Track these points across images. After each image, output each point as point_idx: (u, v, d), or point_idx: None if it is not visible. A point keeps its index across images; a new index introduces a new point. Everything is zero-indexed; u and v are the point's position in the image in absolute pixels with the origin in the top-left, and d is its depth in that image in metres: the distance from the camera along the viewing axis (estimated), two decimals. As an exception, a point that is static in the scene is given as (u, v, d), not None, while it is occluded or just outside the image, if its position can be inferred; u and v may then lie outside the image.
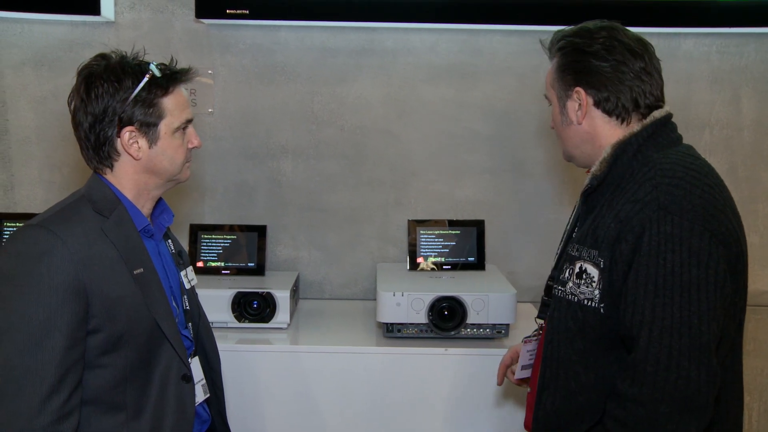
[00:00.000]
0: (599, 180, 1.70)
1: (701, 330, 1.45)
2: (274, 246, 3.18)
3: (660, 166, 1.58)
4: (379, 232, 3.18)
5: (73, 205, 1.69)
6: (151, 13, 3.07)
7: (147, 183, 1.75)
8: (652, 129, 1.68)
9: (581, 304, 1.62)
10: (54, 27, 3.07)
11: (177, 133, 1.74)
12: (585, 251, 1.63)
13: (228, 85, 3.11)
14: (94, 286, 1.59)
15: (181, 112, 1.74)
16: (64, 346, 1.54)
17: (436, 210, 3.15)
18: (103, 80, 1.66)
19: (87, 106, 1.67)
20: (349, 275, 3.20)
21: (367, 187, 3.17)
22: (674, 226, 1.48)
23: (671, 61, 3.11)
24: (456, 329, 2.57)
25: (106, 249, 1.64)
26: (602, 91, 1.68)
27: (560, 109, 1.75)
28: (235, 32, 3.08)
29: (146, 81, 1.67)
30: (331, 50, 3.10)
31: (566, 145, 1.79)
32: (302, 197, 3.17)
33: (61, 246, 1.58)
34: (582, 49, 1.69)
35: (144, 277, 1.69)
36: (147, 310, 1.68)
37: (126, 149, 1.69)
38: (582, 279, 1.63)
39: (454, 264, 2.97)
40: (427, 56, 3.11)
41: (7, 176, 3.14)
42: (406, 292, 2.56)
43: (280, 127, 3.13)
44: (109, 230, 1.66)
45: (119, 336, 1.64)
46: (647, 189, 1.54)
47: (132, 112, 1.67)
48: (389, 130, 3.14)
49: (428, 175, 3.17)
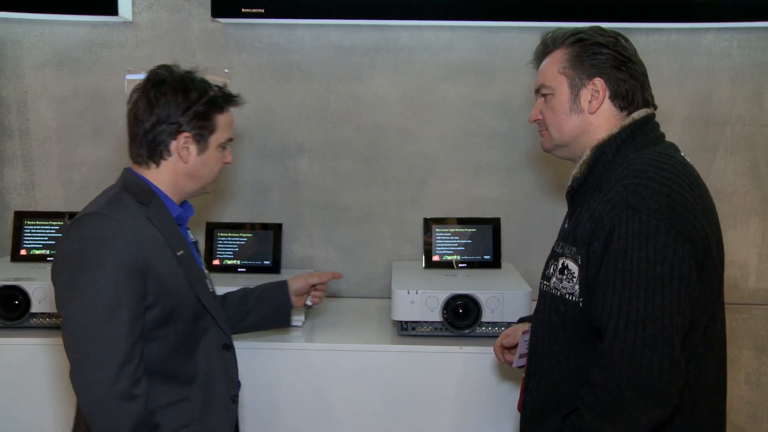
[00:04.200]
0: (580, 182, 1.78)
1: (664, 323, 1.52)
2: (291, 244, 3.18)
3: (633, 166, 1.64)
4: (395, 231, 3.18)
5: (118, 196, 1.84)
6: (168, 13, 3.10)
7: (184, 185, 1.92)
8: (630, 130, 1.75)
9: (563, 298, 1.71)
10: (74, 28, 3.10)
11: (220, 148, 1.95)
12: (567, 248, 1.72)
13: (244, 83, 3.12)
14: (149, 265, 1.77)
15: (228, 130, 1.97)
16: (130, 320, 1.72)
17: (453, 208, 3.14)
18: (172, 88, 1.85)
19: (154, 108, 1.84)
20: (365, 274, 3.19)
21: (383, 185, 3.17)
22: (641, 224, 1.54)
23: (691, 56, 3.07)
24: (470, 327, 2.56)
25: (153, 233, 1.82)
26: (621, 85, 1.75)
27: (570, 96, 1.78)
28: (251, 31, 3.09)
29: (210, 97, 1.88)
30: (347, 48, 3.10)
31: (563, 133, 1.81)
32: (318, 196, 3.17)
33: (120, 230, 1.75)
34: (603, 43, 1.76)
35: (185, 258, 1.88)
36: (190, 287, 1.87)
37: (178, 152, 1.87)
38: (564, 274, 1.72)
39: (470, 262, 2.95)
40: (443, 54, 3.11)
41: (29, 175, 3.18)
42: (421, 290, 2.55)
43: (297, 126, 3.14)
44: (153, 217, 1.83)
45: (170, 310, 1.82)
46: (618, 189, 1.61)
47: (191, 121, 1.86)
48: (405, 128, 3.14)
49: (444, 173, 3.16)
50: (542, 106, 1.85)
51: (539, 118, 1.87)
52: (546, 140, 1.88)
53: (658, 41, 3.06)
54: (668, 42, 3.07)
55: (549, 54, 1.83)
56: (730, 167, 3.11)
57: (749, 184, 3.13)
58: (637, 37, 3.03)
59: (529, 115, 1.92)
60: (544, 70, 1.83)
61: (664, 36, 3.06)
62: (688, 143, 3.08)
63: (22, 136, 3.16)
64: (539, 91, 1.85)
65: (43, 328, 2.61)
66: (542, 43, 1.86)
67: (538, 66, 1.88)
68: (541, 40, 1.87)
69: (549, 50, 1.83)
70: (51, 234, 2.93)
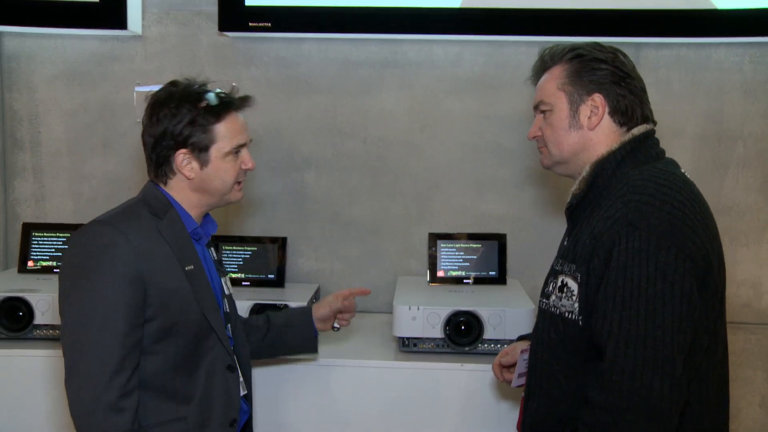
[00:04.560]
0: (579, 198, 1.77)
1: (665, 342, 1.49)
2: (296, 258, 3.18)
3: (633, 183, 1.62)
4: (400, 245, 3.16)
5: (132, 207, 1.86)
6: (177, 27, 3.12)
7: (200, 200, 1.90)
8: (630, 146, 1.73)
9: (563, 316, 1.69)
10: (85, 42, 3.14)
11: (229, 156, 1.87)
12: (566, 266, 1.70)
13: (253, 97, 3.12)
14: (151, 277, 1.75)
15: (233, 137, 1.87)
16: (125, 329, 1.70)
17: (459, 223, 3.12)
18: (164, 105, 1.83)
19: (150, 128, 1.85)
20: (371, 288, 3.10)
21: (390, 199, 3.16)
22: (641, 242, 1.52)
23: (701, 72, 3.03)
24: (472, 344, 2.53)
25: (161, 245, 1.80)
26: (620, 101, 1.74)
27: (570, 112, 1.76)
28: (259, 45, 3.10)
29: (201, 108, 1.82)
30: (354, 62, 3.10)
31: (562, 150, 1.79)
32: (325, 209, 3.17)
33: (123, 240, 1.74)
34: (601, 58, 1.75)
35: (194, 274, 1.84)
36: (196, 303, 1.83)
37: (180, 169, 1.85)
38: (563, 292, 1.69)
39: (475, 278, 2.92)
40: (450, 68, 3.09)
41: (39, 187, 3.21)
42: (422, 306, 2.53)
43: (304, 139, 3.14)
44: (163, 229, 1.82)
45: (171, 325, 1.79)
46: (618, 206, 1.59)
47: (187, 135, 1.82)
48: (412, 142, 3.13)
49: (451, 188, 3.14)
50: (541, 122, 1.83)
51: (538, 134, 1.85)
52: (545, 157, 1.86)
53: (668, 56, 3.02)
54: (678, 57, 3.03)
55: (547, 70, 1.82)
56: (742, 184, 3.06)
57: (762, 201, 3.07)
58: (647, 51, 3.01)
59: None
60: (543, 86, 1.82)
61: (674, 50, 3.02)
62: (699, 160, 3.03)
63: (33, 148, 3.19)
64: (538, 107, 1.84)
65: (47, 340, 2.62)
66: (540, 59, 1.85)
67: (537, 82, 1.87)
68: (539, 56, 1.86)
69: (547, 66, 1.82)
70: (58, 246, 2.95)
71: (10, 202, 3.22)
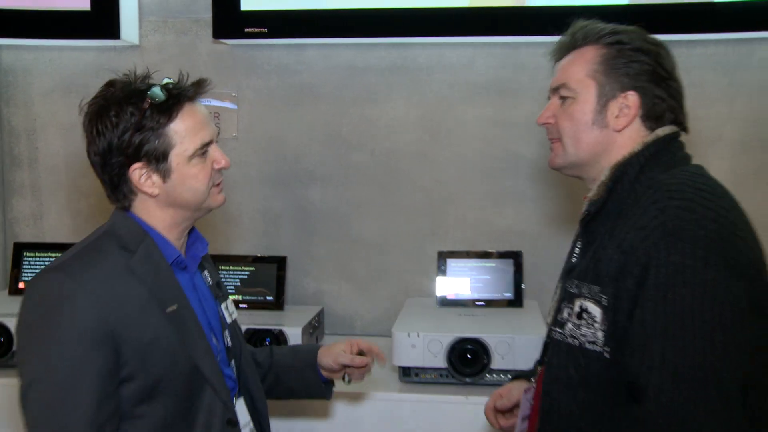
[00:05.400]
0: (598, 206, 1.50)
1: (721, 378, 1.25)
2: (301, 278, 2.99)
3: (666, 187, 1.38)
4: (412, 264, 2.94)
5: (95, 243, 1.54)
6: (175, 36, 2.97)
7: (174, 217, 1.59)
8: (654, 148, 1.49)
9: (583, 348, 1.42)
10: (81, 54, 3.02)
11: (194, 159, 1.55)
12: (585, 288, 1.43)
13: (253, 108, 2.96)
14: (123, 330, 1.44)
15: (195, 135, 1.55)
16: (94, 402, 1.41)
17: (474, 240, 2.88)
18: (103, 114, 1.51)
19: (92, 145, 1.54)
20: (381, 310, 2.96)
21: (400, 214, 2.94)
22: (685, 256, 1.28)
23: (741, 71, 2.74)
24: (477, 375, 2.30)
25: (133, 288, 1.49)
26: (657, 105, 1.49)
27: (596, 106, 1.50)
28: (259, 52, 2.93)
29: (147, 108, 1.49)
30: (361, 69, 2.91)
31: (580, 148, 1.53)
32: (331, 226, 2.97)
33: (81, 290, 1.43)
34: (644, 49, 1.50)
35: (179, 315, 1.53)
36: (184, 352, 1.52)
37: (140, 187, 1.53)
38: (582, 319, 1.43)
39: (489, 300, 2.68)
40: (463, 73, 2.87)
41: (37, 205, 3.10)
42: (423, 333, 2.31)
43: (308, 152, 2.96)
44: (136, 266, 1.50)
45: (155, 383, 1.49)
46: (652, 213, 1.34)
47: (137, 145, 1.50)
48: (423, 153, 2.91)
49: (465, 202, 2.90)
50: (557, 109, 1.56)
51: (551, 122, 1.58)
52: (558, 154, 1.57)
53: (701, 55, 2.74)
54: (714, 55, 2.74)
55: (576, 49, 1.55)
56: (790, 196, 2.75)
57: (812, 213, 2.75)
58: (676, 50, 2.63)
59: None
60: (569, 68, 1.54)
61: (709, 49, 2.74)
62: (739, 168, 2.73)
63: (31, 165, 3.09)
64: (558, 90, 1.56)
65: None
66: (571, 35, 1.57)
67: (559, 59, 1.60)
68: (569, 30, 1.58)
69: (577, 45, 1.55)
70: (49, 266, 2.83)
71: (9, 221, 3.12)
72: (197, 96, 1.57)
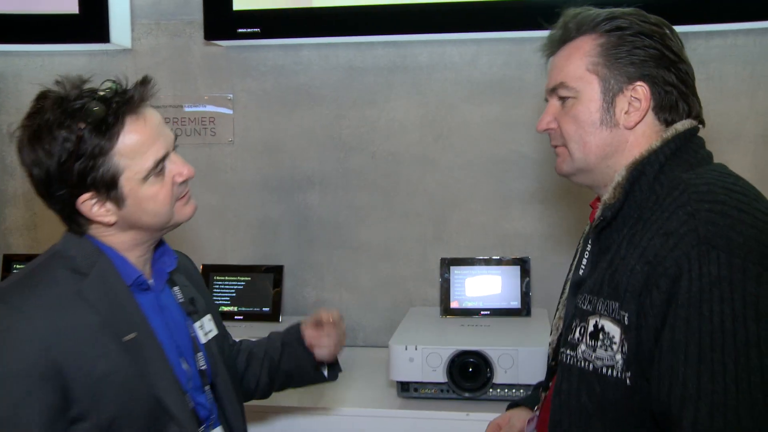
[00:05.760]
0: (614, 210, 1.33)
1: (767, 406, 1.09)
2: (301, 287, 2.86)
3: (694, 188, 1.23)
4: (415, 271, 2.81)
5: (42, 267, 1.40)
6: (168, 38, 2.87)
7: (135, 238, 1.44)
8: (675, 144, 1.33)
9: (599, 373, 1.26)
10: (73, 58, 2.92)
11: (150, 178, 1.39)
12: (601, 303, 1.27)
13: (249, 111, 2.85)
14: (70, 364, 1.30)
15: (144, 154, 1.36)
16: None
17: (480, 246, 2.74)
18: (35, 142, 1.34)
19: (31, 176, 1.38)
20: (384, 320, 2.83)
21: (403, 220, 2.81)
22: (721, 266, 1.13)
23: (765, 62, 2.57)
24: (479, 390, 2.16)
25: (84, 316, 1.34)
26: (669, 93, 1.34)
27: (602, 104, 1.35)
28: (254, 54, 2.82)
29: (84, 129, 1.31)
30: (359, 69, 2.78)
31: (588, 152, 1.37)
32: (331, 233, 2.85)
33: (22, 322, 1.30)
34: (647, 32, 1.34)
35: (138, 344, 1.38)
36: (144, 385, 1.37)
37: (92, 218, 1.38)
38: (598, 340, 1.27)
39: (494, 310, 2.54)
40: (466, 71, 2.73)
41: (30, 215, 3.02)
42: (421, 346, 2.18)
43: (306, 156, 2.84)
44: (88, 292, 1.36)
45: (110, 421, 1.34)
46: (681, 218, 1.19)
47: (79, 175, 1.33)
48: (426, 155, 2.78)
49: (470, 205, 2.76)
50: (557, 111, 1.41)
51: (553, 127, 1.43)
52: (565, 161, 1.42)
53: (720, 46, 2.57)
54: (734, 46, 2.58)
55: (570, 42, 1.39)
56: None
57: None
58: (695, 42, 2.58)
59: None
60: (566, 63, 1.39)
61: (728, 39, 2.57)
62: (762, 164, 2.57)
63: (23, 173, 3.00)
64: (555, 91, 1.41)
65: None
66: (562, 25, 1.42)
67: (552, 54, 1.45)
68: (560, 20, 1.43)
69: (571, 36, 1.39)
70: (40, 278, 2.74)
71: (1, 231, 3.04)
72: (143, 103, 1.38)
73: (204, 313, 1.60)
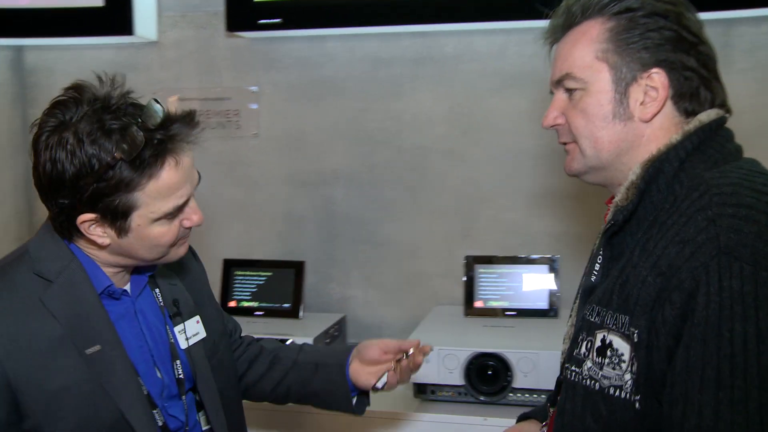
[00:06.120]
0: (627, 212, 1.22)
1: None
2: (325, 284, 2.81)
3: (717, 189, 1.10)
4: (442, 269, 2.72)
5: (7, 269, 1.34)
6: (193, 31, 2.85)
7: (118, 261, 1.38)
8: (698, 138, 1.20)
9: (605, 393, 1.16)
10: (101, 51, 2.93)
11: (162, 220, 1.32)
12: (610, 317, 1.16)
13: (274, 104, 2.81)
14: (23, 375, 1.25)
15: (168, 198, 1.29)
16: None
17: (509, 243, 2.64)
18: (56, 140, 1.23)
19: (37, 172, 1.28)
20: (409, 318, 2.74)
21: (429, 216, 2.73)
22: (745, 280, 1.01)
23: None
24: (498, 394, 2.07)
25: (44, 325, 1.28)
26: (689, 80, 1.21)
27: (614, 95, 1.24)
28: (279, 46, 2.77)
29: (115, 160, 1.22)
30: (385, 60, 2.71)
31: (600, 149, 1.26)
32: (355, 229, 2.78)
33: None
34: (660, 12, 1.21)
35: (101, 357, 1.31)
36: (106, 400, 1.30)
37: (86, 234, 1.30)
38: (606, 357, 1.16)
39: (520, 310, 2.44)
40: (495, 62, 2.63)
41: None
42: (438, 347, 2.10)
43: (331, 150, 2.78)
44: (52, 299, 1.30)
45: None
46: (700, 224, 1.07)
47: (91, 196, 1.24)
48: (453, 149, 2.69)
49: (499, 201, 2.67)
50: (564, 105, 1.31)
51: (560, 122, 1.32)
52: (575, 159, 1.32)
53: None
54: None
55: (575, 27, 1.28)
56: None
57: None
58: (739, 29, 2.43)
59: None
60: (571, 51, 1.28)
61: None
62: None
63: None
64: (561, 83, 1.31)
65: None
66: (565, 9, 1.30)
67: (555, 42, 1.35)
68: (563, 4, 1.32)
69: (576, 21, 1.28)
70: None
71: (34, 224, 3.06)
72: (185, 140, 1.28)
73: (190, 314, 1.52)
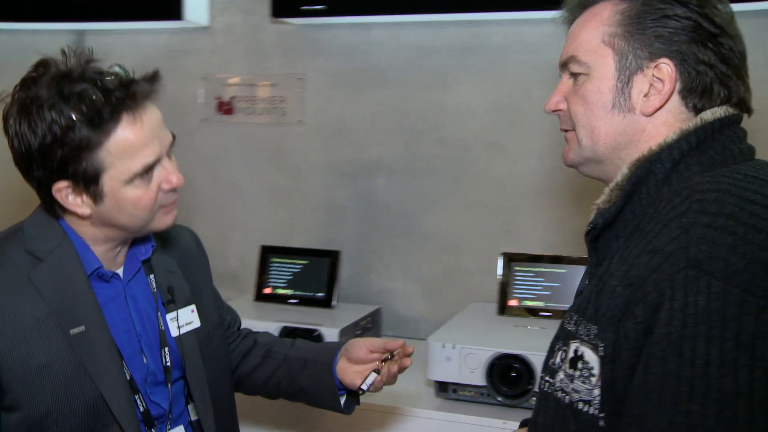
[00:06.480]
0: (608, 217, 1.14)
1: None
2: (365, 274, 2.78)
3: (699, 195, 1.00)
4: (482, 265, 2.64)
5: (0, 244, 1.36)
6: (242, 16, 2.86)
7: (107, 235, 1.37)
8: (696, 138, 1.10)
9: (575, 408, 1.07)
10: (158, 36, 2.98)
11: (135, 181, 1.30)
12: (583, 326, 1.07)
13: (319, 91, 2.79)
14: (4, 350, 1.27)
15: (135, 156, 1.27)
16: None
17: (552, 242, 2.55)
18: (22, 114, 1.26)
19: (12, 147, 1.29)
20: (447, 314, 2.67)
21: (471, 210, 2.66)
22: (712, 297, 0.91)
23: None
24: (518, 398, 2.00)
25: (30, 302, 1.30)
26: (702, 75, 1.11)
27: (617, 83, 1.14)
28: (325, 33, 2.75)
29: (73, 121, 1.23)
30: (430, 49, 2.65)
31: (596, 141, 1.17)
32: (396, 220, 2.74)
33: None
34: (682, 1, 1.11)
35: (85, 338, 1.32)
36: (87, 382, 1.31)
37: (66, 207, 1.31)
38: (578, 369, 1.06)
39: (556, 311, 2.35)
40: (543, 53, 2.53)
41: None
42: (459, 345, 2.04)
43: (373, 140, 2.74)
44: (39, 277, 1.31)
45: (45, 414, 1.29)
46: (673, 232, 0.97)
47: (59, 162, 1.25)
48: (497, 142, 2.61)
49: (543, 197, 2.58)
50: (568, 90, 1.21)
51: (561, 108, 1.23)
52: (572, 149, 1.23)
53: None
54: None
55: (588, 8, 1.19)
56: None
57: None
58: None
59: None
60: (580, 34, 1.19)
61: None
62: None
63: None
64: (566, 66, 1.21)
65: None
66: None
67: (571, 23, 1.25)
68: None
69: (588, 3, 1.19)
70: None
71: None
72: (147, 98, 1.30)
73: (186, 303, 1.51)
